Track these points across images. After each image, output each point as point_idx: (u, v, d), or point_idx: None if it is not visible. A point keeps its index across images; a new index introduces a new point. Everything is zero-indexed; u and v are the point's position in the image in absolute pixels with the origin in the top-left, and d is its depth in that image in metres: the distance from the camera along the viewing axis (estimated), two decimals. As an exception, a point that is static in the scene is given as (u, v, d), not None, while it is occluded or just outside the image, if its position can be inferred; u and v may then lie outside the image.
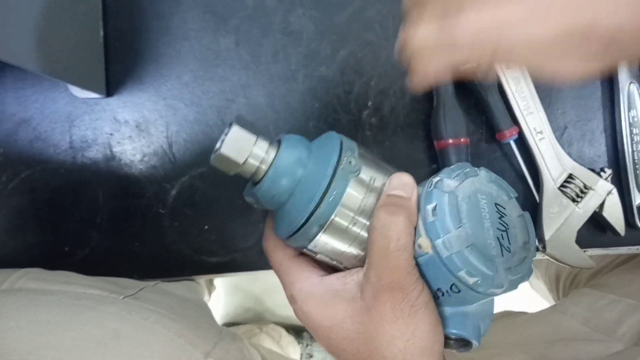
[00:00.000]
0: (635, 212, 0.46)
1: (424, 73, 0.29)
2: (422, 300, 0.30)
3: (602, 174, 0.45)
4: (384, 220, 0.30)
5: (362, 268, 0.31)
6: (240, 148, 0.30)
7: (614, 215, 0.45)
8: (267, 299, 1.03)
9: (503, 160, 0.46)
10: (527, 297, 0.88)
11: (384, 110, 0.46)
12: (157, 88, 0.45)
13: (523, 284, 0.31)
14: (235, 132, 0.30)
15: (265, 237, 0.36)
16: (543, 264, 0.78)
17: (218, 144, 0.30)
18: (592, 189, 0.44)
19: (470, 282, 0.29)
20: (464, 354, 0.48)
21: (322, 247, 0.31)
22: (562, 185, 0.44)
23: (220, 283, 1.00)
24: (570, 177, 0.45)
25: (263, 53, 0.45)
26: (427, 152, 0.46)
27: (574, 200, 0.44)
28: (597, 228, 0.47)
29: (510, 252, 0.31)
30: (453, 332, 0.31)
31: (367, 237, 0.31)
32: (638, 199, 0.45)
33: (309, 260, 0.34)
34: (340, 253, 0.32)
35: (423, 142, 0.46)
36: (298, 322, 0.34)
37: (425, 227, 0.30)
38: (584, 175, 0.45)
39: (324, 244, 0.31)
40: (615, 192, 0.45)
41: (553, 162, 0.45)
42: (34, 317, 0.31)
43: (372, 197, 0.31)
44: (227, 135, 0.30)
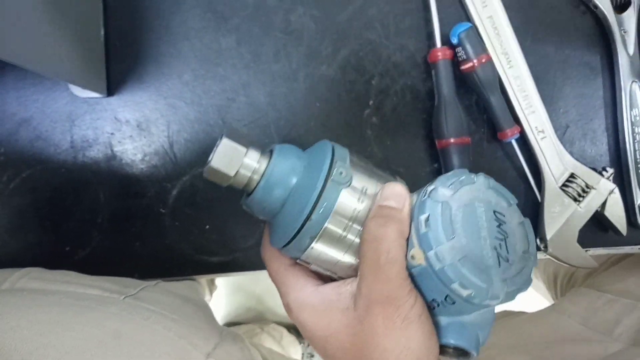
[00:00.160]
0: (637, 211, 0.45)
1: None
2: (415, 313, 0.29)
3: (604, 173, 0.45)
4: (374, 233, 0.30)
5: (356, 278, 0.31)
6: (231, 160, 0.30)
7: (616, 215, 0.45)
8: (268, 299, 1.03)
9: (504, 160, 0.46)
10: (527, 296, 0.88)
11: (385, 110, 0.46)
12: (158, 87, 0.45)
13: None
14: (225, 144, 0.30)
15: (263, 246, 0.36)
16: (541, 263, 0.78)
17: (210, 157, 0.31)
18: (593, 189, 0.44)
19: (464, 294, 0.28)
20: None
21: (314, 258, 0.31)
22: (563, 185, 0.44)
23: (222, 283, 1.00)
24: (572, 176, 0.44)
25: (264, 52, 0.45)
26: (428, 151, 0.46)
27: (576, 200, 0.44)
28: (599, 227, 0.46)
29: (509, 261, 0.30)
30: (451, 342, 0.31)
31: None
32: (640, 198, 0.45)
33: (305, 270, 0.34)
34: (334, 264, 0.32)
35: (424, 141, 0.46)
36: (299, 322, 0.34)
37: (418, 238, 0.30)
38: (586, 175, 0.44)
39: (317, 255, 0.31)
40: (617, 191, 0.45)
41: (555, 161, 0.44)
42: (35, 317, 0.31)
43: (364, 207, 0.31)
44: (217, 148, 0.30)
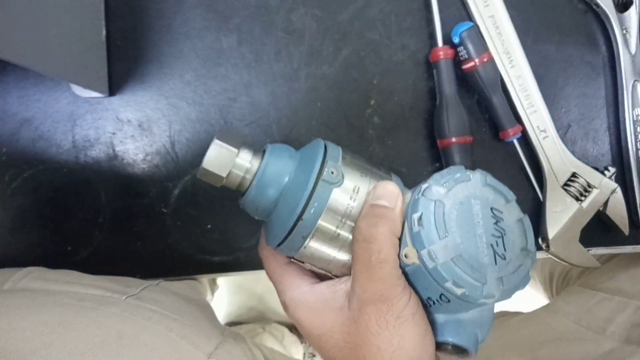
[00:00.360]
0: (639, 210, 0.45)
1: None
2: (408, 311, 0.29)
3: (606, 173, 0.44)
4: (365, 233, 0.30)
5: (350, 277, 0.31)
6: (222, 162, 0.30)
7: (618, 214, 0.45)
8: (269, 298, 1.03)
9: (506, 159, 0.46)
10: (527, 296, 0.88)
11: (387, 109, 0.46)
12: (159, 87, 0.45)
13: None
14: (215, 146, 0.30)
15: (260, 244, 0.36)
16: (539, 263, 0.78)
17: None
18: (595, 188, 0.44)
19: (458, 293, 0.28)
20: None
21: (308, 256, 0.31)
22: (565, 184, 0.44)
23: (223, 282, 1.00)
24: (574, 175, 0.44)
25: (265, 52, 0.45)
26: (430, 150, 0.46)
27: (578, 199, 0.44)
28: (601, 227, 0.46)
29: (505, 259, 0.30)
30: (448, 340, 0.31)
31: None
32: (642, 198, 0.45)
33: (301, 268, 0.34)
34: (328, 262, 0.32)
35: (426, 140, 0.46)
36: (301, 321, 0.34)
37: (411, 236, 0.30)
38: (588, 174, 0.44)
39: (310, 254, 0.31)
40: (619, 190, 0.45)
41: (556, 160, 0.44)
42: (37, 317, 0.31)
43: (356, 206, 0.31)
44: (208, 150, 0.30)
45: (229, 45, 0.45)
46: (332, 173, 0.30)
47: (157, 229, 0.45)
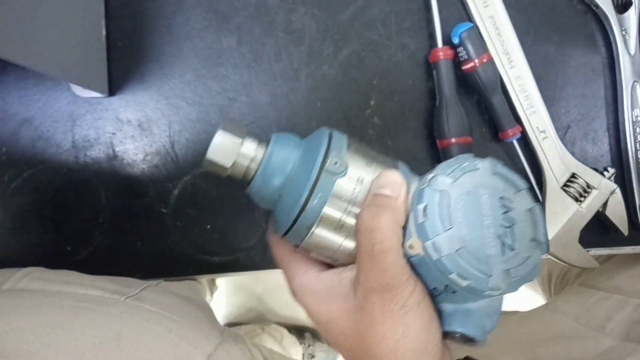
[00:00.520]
0: (639, 211, 0.45)
1: None
2: (413, 300, 0.29)
3: (605, 173, 0.45)
4: (367, 223, 0.30)
5: (356, 265, 0.31)
6: (226, 151, 0.30)
7: (618, 215, 0.45)
8: (269, 299, 1.03)
9: (506, 160, 0.46)
10: (525, 295, 0.88)
11: (387, 110, 0.46)
12: (159, 87, 0.45)
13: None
14: (220, 136, 0.30)
15: (268, 231, 0.37)
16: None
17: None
18: (595, 189, 0.44)
19: (463, 284, 0.28)
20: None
21: (314, 245, 0.31)
22: (565, 185, 0.44)
23: (223, 283, 1.00)
24: (574, 176, 0.44)
25: (265, 52, 0.45)
26: (429, 151, 0.46)
27: (577, 200, 0.44)
28: (600, 228, 0.46)
29: (514, 250, 0.29)
30: (456, 329, 0.31)
31: None
32: (642, 199, 0.45)
33: (309, 255, 0.34)
34: (334, 250, 0.32)
35: (425, 141, 0.46)
36: (300, 322, 0.34)
37: (416, 227, 0.29)
38: (587, 175, 0.44)
39: (316, 243, 0.31)
40: (619, 191, 0.45)
41: (556, 161, 0.44)
42: (36, 318, 0.31)
43: (361, 196, 0.31)
44: (212, 140, 0.30)
45: (229, 45, 0.45)
46: (335, 163, 0.30)
47: (156, 229, 0.45)
